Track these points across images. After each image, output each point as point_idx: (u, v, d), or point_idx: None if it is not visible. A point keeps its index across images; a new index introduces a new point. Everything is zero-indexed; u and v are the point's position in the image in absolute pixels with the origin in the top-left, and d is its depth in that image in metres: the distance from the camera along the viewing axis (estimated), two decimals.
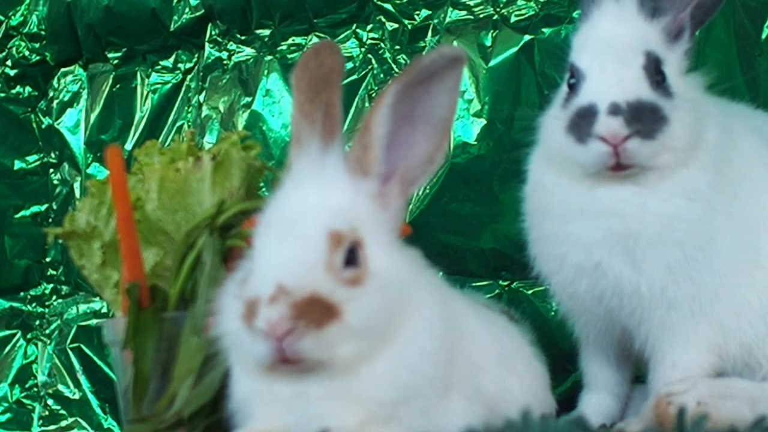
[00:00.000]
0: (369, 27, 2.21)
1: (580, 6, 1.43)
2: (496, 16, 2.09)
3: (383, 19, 2.19)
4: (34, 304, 2.57)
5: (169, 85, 2.43)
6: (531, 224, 1.45)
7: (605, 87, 1.32)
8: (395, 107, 1.15)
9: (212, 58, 2.37)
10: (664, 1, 1.38)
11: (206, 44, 2.37)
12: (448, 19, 2.13)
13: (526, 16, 2.06)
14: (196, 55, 2.40)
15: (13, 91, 2.58)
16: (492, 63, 2.07)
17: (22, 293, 2.57)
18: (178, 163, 1.52)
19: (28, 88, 2.58)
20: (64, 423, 2.47)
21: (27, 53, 2.55)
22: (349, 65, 2.20)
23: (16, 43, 2.56)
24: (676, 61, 1.39)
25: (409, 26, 2.17)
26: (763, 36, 1.93)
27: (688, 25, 1.40)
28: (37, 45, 2.54)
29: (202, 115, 2.37)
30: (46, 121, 2.57)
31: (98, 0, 2.40)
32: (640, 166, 1.32)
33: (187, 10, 2.36)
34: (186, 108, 2.41)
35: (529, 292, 2.06)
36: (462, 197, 2.08)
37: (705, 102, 1.41)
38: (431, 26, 2.15)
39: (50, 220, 2.56)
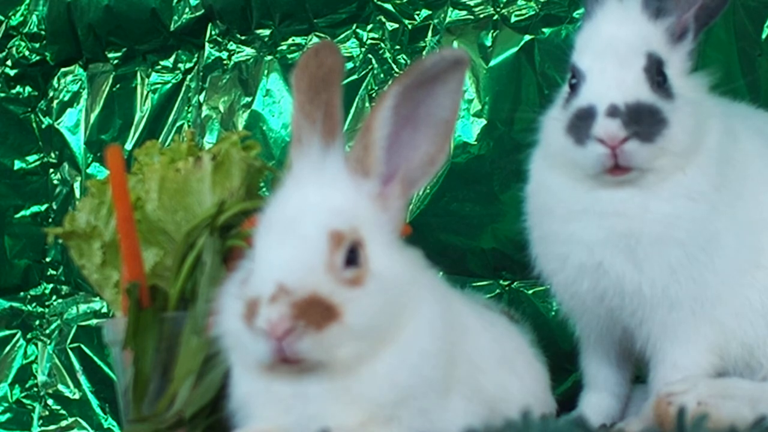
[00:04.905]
0: (369, 27, 2.21)
1: (584, 5, 1.43)
2: (496, 16, 2.09)
3: (383, 19, 2.19)
4: (34, 304, 2.57)
5: (169, 85, 2.43)
6: (532, 224, 1.45)
7: (605, 88, 1.32)
8: (397, 108, 1.15)
9: (212, 58, 2.37)
10: (668, 2, 1.38)
11: (206, 44, 2.37)
12: (448, 19, 2.13)
13: (526, 16, 2.06)
14: (196, 55, 2.40)
15: (13, 91, 2.58)
16: (492, 63, 2.07)
17: (22, 293, 2.58)
18: (178, 163, 1.52)
19: (28, 88, 2.59)
20: (64, 423, 2.48)
21: (27, 53, 2.55)
22: (349, 65, 2.20)
23: (16, 43, 2.56)
24: (678, 62, 1.39)
25: (410, 26, 2.17)
26: (763, 36, 1.93)
27: (692, 26, 1.40)
28: (37, 45, 2.54)
29: (202, 115, 2.37)
30: (46, 121, 2.57)
31: (98, 0, 2.40)
32: (638, 169, 1.32)
33: (187, 10, 2.36)
34: (186, 108, 2.41)
35: (530, 292, 2.06)
36: (462, 197, 2.09)
37: (707, 103, 1.40)
38: (431, 26, 2.15)
39: (50, 220, 2.56)
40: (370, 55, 2.21)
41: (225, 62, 2.36)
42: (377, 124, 1.14)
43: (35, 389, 2.52)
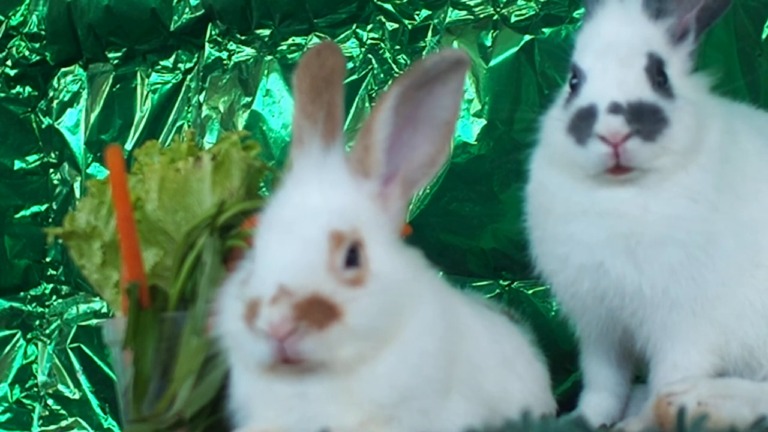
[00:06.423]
0: (369, 27, 2.21)
1: (584, 5, 1.43)
2: (496, 16, 2.09)
3: (383, 19, 2.19)
4: (34, 304, 2.57)
5: (169, 85, 2.43)
6: (533, 224, 1.45)
7: (606, 87, 1.32)
8: (397, 109, 1.15)
9: (212, 58, 2.37)
10: (669, 3, 1.38)
11: (206, 44, 2.37)
12: (448, 19, 2.13)
13: (526, 16, 2.06)
14: (196, 55, 2.40)
15: (13, 91, 2.58)
16: (492, 63, 2.07)
17: (22, 293, 2.58)
18: (178, 163, 1.52)
19: (28, 88, 2.59)
20: (64, 423, 2.48)
21: (27, 53, 2.55)
22: (350, 65, 2.20)
23: (16, 43, 2.56)
24: (679, 63, 1.39)
25: (409, 26, 2.17)
26: (763, 36, 1.93)
27: (694, 26, 1.40)
28: (37, 45, 2.54)
29: (202, 115, 2.37)
30: (46, 121, 2.57)
31: (98, 0, 2.40)
32: (639, 168, 1.31)
33: (187, 10, 2.36)
34: (186, 108, 2.41)
35: (530, 292, 2.07)
36: (462, 197, 2.09)
37: (708, 103, 1.40)
38: (431, 26, 2.15)
39: (50, 220, 2.56)
40: (370, 55, 2.21)
41: (225, 62, 2.36)
42: (377, 124, 1.14)
43: (35, 389, 2.52)
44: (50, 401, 2.49)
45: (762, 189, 1.40)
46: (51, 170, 2.57)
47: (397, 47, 2.18)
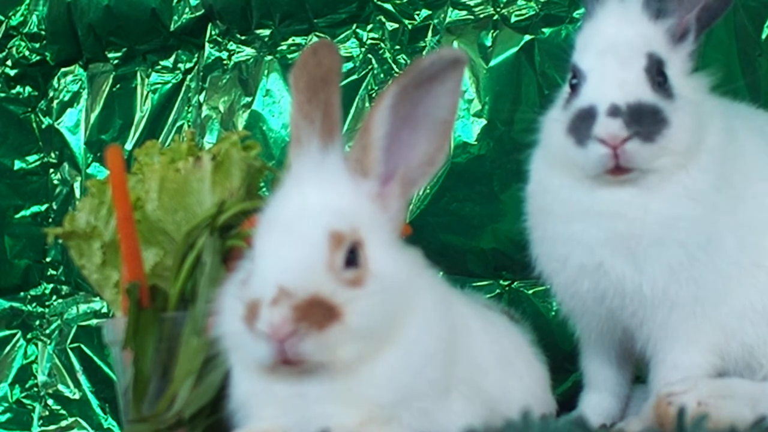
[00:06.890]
0: (369, 27, 2.21)
1: (584, 5, 1.43)
2: (496, 16, 2.09)
3: (383, 19, 2.20)
4: (34, 304, 2.57)
5: (169, 85, 2.43)
6: (533, 224, 1.45)
7: (605, 88, 1.32)
8: (395, 108, 1.15)
9: (212, 58, 2.37)
10: (669, 3, 1.38)
11: (206, 44, 2.37)
12: (448, 19, 2.13)
13: (527, 16, 2.06)
14: (196, 55, 2.40)
15: (13, 91, 2.58)
16: (492, 63, 2.07)
17: (22, 293, 2.58)
18: (178, 163, 1.52)
19: (28, 88, 2.59)
20: (64, 423, 2.48)
21: (27, 53, 2.55)
22: (349, 65, 2.20)
23: (16, 43, 2.56)
24: (679, 63, 1.39)
25: (409, 26, 2.17)
26: (763, 36, 1.93)
27: (694, 27, 1.40)
28: (37, 45, 2.54)
29: (202, 115, 2.37)
30: (46, 121, 2.57)
31: (98, 0, 2.40)
32: (639, 169, 1.32)
33: (187, 10, 2.36)
34: (186, 108, 2.41)
35: (530, 292, 2.07)
36: (462, 197, 2.09)
37: (708, 103, 1.40)
38: (431, 26, 2.15)
39: (50, 220, 2.56)
40: (370, 55, 2.21)
41: (225, 62, 2.36)
42: (376, 124, 1.14)
43: (35, 389, 2.52)
44: (50, 401, 2.49)
45: (762, 189, 1.40)
46: (51, 170, 2.57)
47: (397, 47, 2.19)
